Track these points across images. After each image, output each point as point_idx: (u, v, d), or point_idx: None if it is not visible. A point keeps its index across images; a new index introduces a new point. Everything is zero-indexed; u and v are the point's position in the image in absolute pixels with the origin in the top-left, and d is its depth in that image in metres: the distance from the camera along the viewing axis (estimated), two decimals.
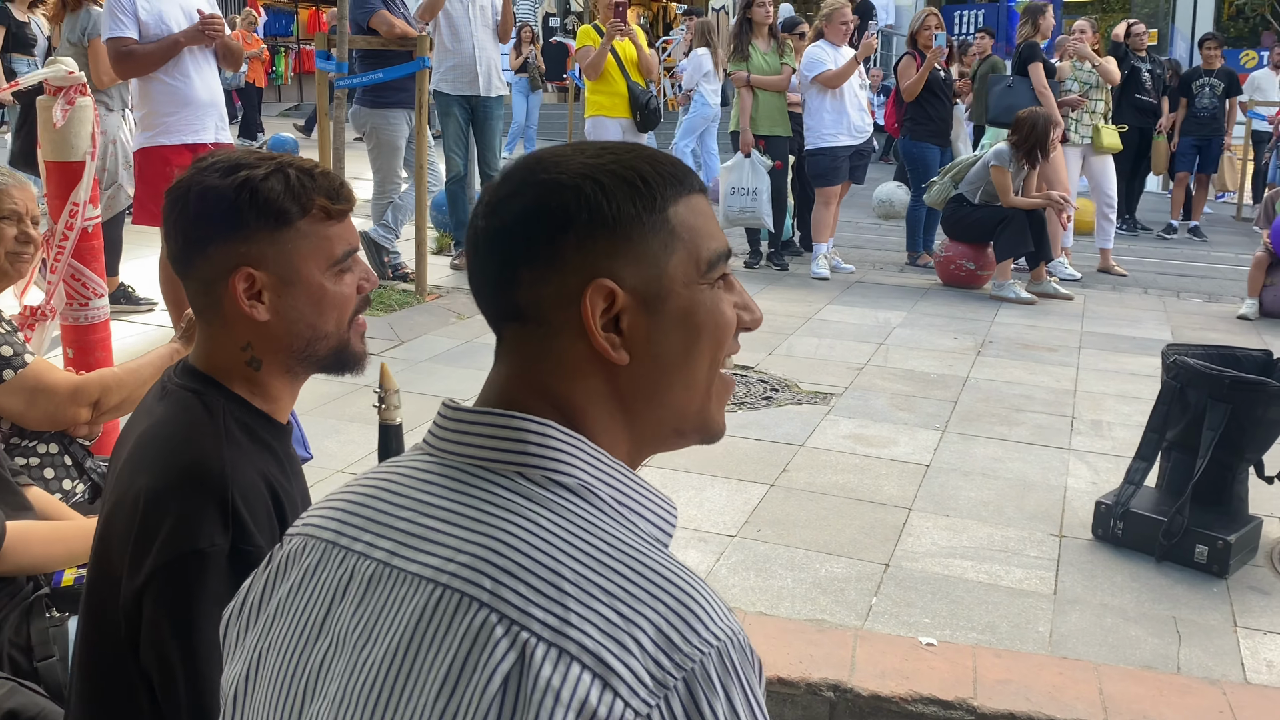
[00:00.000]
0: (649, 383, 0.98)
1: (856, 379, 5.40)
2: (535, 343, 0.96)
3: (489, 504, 0.91)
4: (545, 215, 0.94)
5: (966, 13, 22.10)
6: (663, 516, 0.98)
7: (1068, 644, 2.98)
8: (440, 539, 0.90)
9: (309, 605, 0.96)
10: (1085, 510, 3.78)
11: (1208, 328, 6.86)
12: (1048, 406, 5.06)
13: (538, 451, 0.93)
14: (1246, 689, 2.81)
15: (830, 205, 8.11)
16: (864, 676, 2.78)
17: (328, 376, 1.60)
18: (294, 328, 1.49)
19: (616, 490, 0.95)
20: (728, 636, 0.85)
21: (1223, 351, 3.79)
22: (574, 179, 0.94)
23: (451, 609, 0.85)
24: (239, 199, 1.43)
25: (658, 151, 1.01)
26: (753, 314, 1.04)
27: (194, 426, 1.44)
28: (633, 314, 0.95)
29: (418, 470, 0.98)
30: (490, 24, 7.27)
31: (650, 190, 0.95)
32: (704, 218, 0.99)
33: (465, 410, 0.97)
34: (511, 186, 0.97)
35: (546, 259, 0.94)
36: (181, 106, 4.97)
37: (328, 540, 0.98)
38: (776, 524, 3.65)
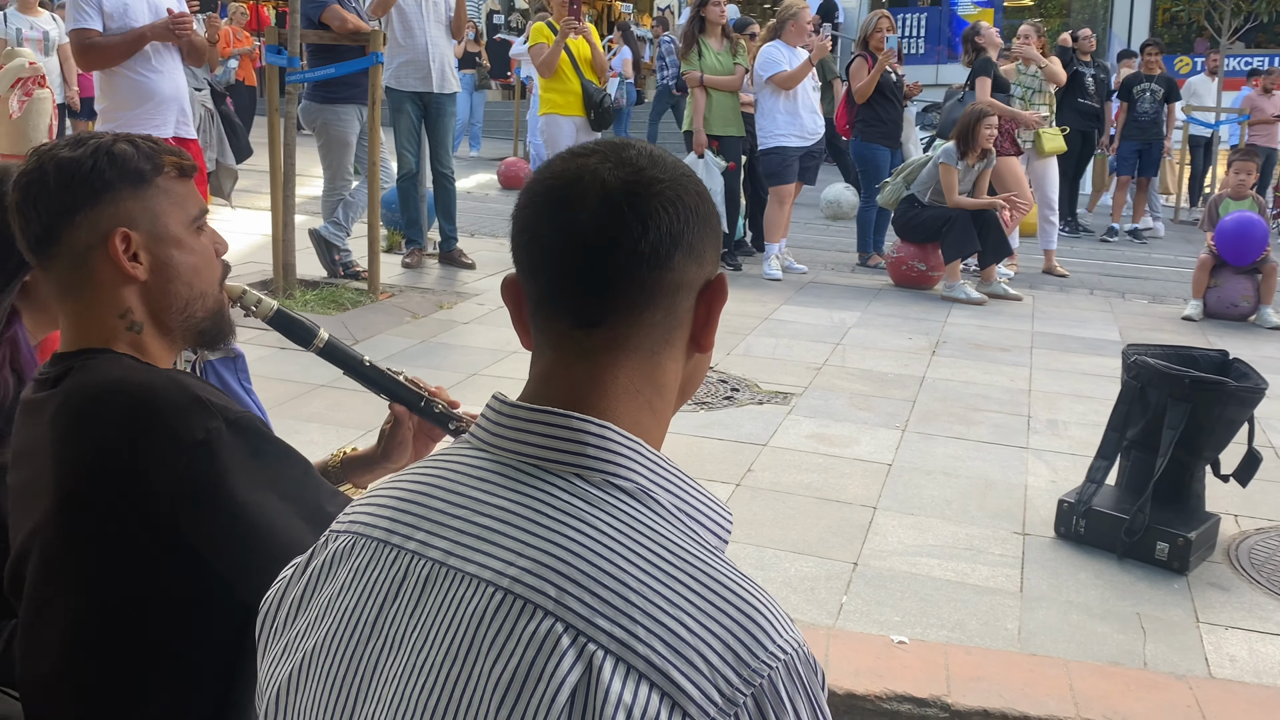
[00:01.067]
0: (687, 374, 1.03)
1: (815, 379, 5.42)
2: (661, 330, 0.98)
3: (548, 505, 0.89)
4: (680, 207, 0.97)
5: (910, 16, 22.34)
6: (718, 522, 0.97)
7: (1036, 641, 3.01)
8: (499, 539, 0.88)
9: (360, 604, 0.93)
10: (1046, 508, 3.82)
11: (1154, 328, 6.98)
12: (1004, 406, 5.12)
13: (596, 454, 0.92)
14: (1212, 683, 2.85)
15: (784, 205, 8.13)
16: (838, 675, 2.79)
17: (279, 376, 1.59)
18: (172, 285, 1.52)
19: (675, 495, 0.94)
20: (794, 649, 0.84)
21: (1180, 352, 3.86)
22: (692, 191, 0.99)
23: (515, 614, 0.83)
24: (98, 163, 1.46)
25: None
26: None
27: (107, 375, 1.43)
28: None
29: (470, 466, 0.96)
30: (443, 20, 7.21)
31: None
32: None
33: (521, 407, 0.95)
34: (656, 172, 0.97)
35: (690, 253, 0.98)
36: (144, 100, 4.92)
37: (378, 539, 0.95)
38: (744, 524, 3.64)
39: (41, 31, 9.41)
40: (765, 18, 12.64)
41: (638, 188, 0.94)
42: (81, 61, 5.00)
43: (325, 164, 6.99)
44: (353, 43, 6.52)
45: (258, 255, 7.16)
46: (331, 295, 6.40)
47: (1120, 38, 20.45)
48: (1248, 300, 7.34)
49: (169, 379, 1.43)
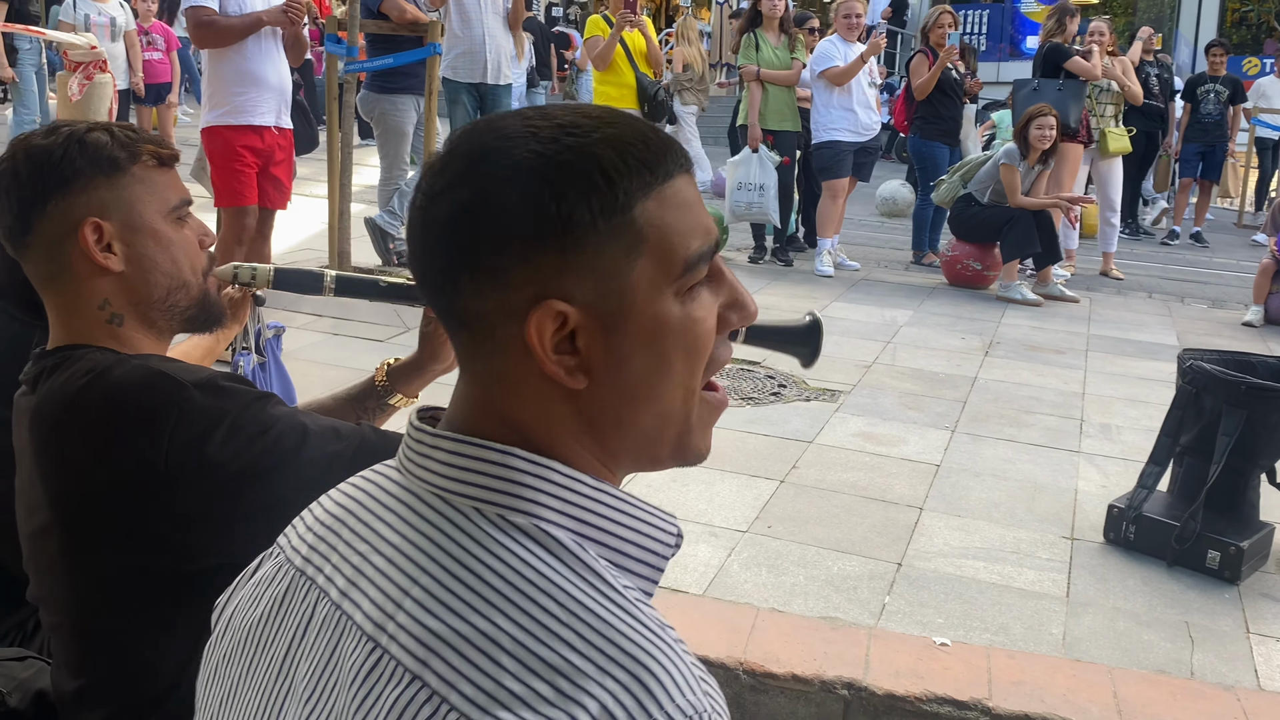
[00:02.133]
0: (614, 408, 0.84)
1: (864, 377, 5.39)
2: (484, 357, 0.84)
3: (439, 547, 0.81)
4: (484, 220, 0.80)
5: (971, 12, 22.10)
6: (653, 542, 0.86)
7: (1080, 647, 2.97)
8: (385, 584, 0.82)
9: (276, 640, 0.89)
10: (1096, 513, 3.78)
11: (1212, 333, 6.86)
12: (1056, 409, 5.06)
13: (496, 485, 0.82)
14: (1261, 695, 2.80)
15: (837, 200, 8.08)
16: (879, 675, 2.77)
17: (331, 361, 1.60)
18: (150, 276, 1.50)
19: (589, 525, 0.84)
20: (694, 712, 0.73)
21: (1238, 357, 3.79)
22: (520, 174, 0.79)
23: (384, 675, 0.77)
24: (69, 151, 1.45)
25: (630, 125, 0.83)
26: (745, 309, 0.89)
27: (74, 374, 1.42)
28: (589, 333, 0.81)
29: (384, 491, 0.89)
30: (501, 12, 7.24)
31: (611, 187, 0.80)
32: (682, 210, 0.83)
33: (427, 431, 0.86)
34: (451, 176, 0.82)
35: (487, 271, 0.80)
36: (251, 87, 4.98)
37: (297, 566, 0.91)
38: (788, 520, 3.63)
39: (109, 17, 9.57)
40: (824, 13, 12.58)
41: (434, 187, 0.83)
42: (196, 38, 5.08)
43: (382, 153, 7.06)
44: (411, 33, 6.57)
45: (314, 243, 7.24)
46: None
47: (1187, 38, 20.11)
48: None
49: (130, 365, 1.42)
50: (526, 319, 0.80)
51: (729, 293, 0.88)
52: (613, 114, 0.84)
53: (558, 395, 0.83)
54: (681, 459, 0.90)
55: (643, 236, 0.81)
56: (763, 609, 3.06)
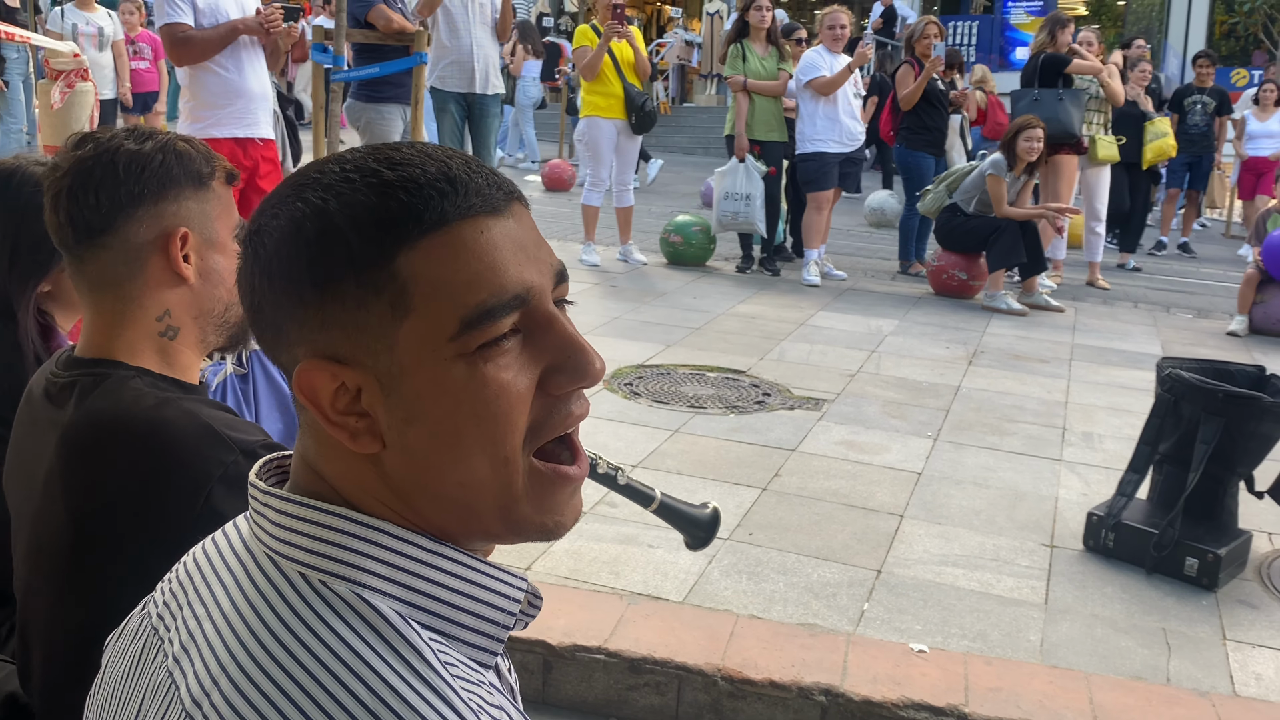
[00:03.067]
0: (413, 474, 0.77)
1: (849, 385, 5.41)
2: (300, 411, 0.80)
3: (260, 619, 0.75)
4: (249, 277, 0.78)
5: (961, 24, 22.19)
6: (494, 605, 0.80)
7: (1058, 653, 2.99)
8: (209, 655, 0.77)
9: (130, 701, 0.85)
10: (1076, 521, 3.79)
11: (1197, 343, 6.89)
12: (1039, 417, 5.08)
13: (321, 549, 0.76)
14: (1235, 701, 2.81)
15: (822, 211, 8.11)
16: (856, 681, 2.78)
17: None
18: (215, 291, 1.52)
19: (418, 592, 0.77)
20: None
21: (1216, 366, 3.81)
22: (289, 227, 0.75)
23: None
24: (167, 159, 1.46)
25: (412, 165, 0.76)
26: (579, 370, 0.78)
27: (116, 405, 1.41)
28: (370, 394, 0.76)
29: (230, 548, 0.85)
30: (489, 21, 7.26)
31: (365, 237, 0.73)
32: (462, 259, 0.74)
33: (257, 486, 0.82)
34: (252, 226, 0.79)
35: (269, 323, 0.78)
36: (235, 98, 4.92)
37: (153, 624, 0.87)
38: (769, 528, 3.64)
39: (96, 27, 9.59)
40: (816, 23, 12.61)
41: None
42: (174, 55, 4.99)
43: None
44: (398, 42, 6.58)
45: None
46: None
47: (1176, 49, 20.20)
48: None
49: (184, 411, 1.40)
50: (295, 379, 0.77)
51: (556, 351, 0.78)
52: (413, 153, 0.77)
53: (359, 458, 0.78)
54: (521, 533, 0.81)
55: (408, 292, 0.74)
56: (742, 616, 3.07)
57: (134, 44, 10.70)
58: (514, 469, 0.78)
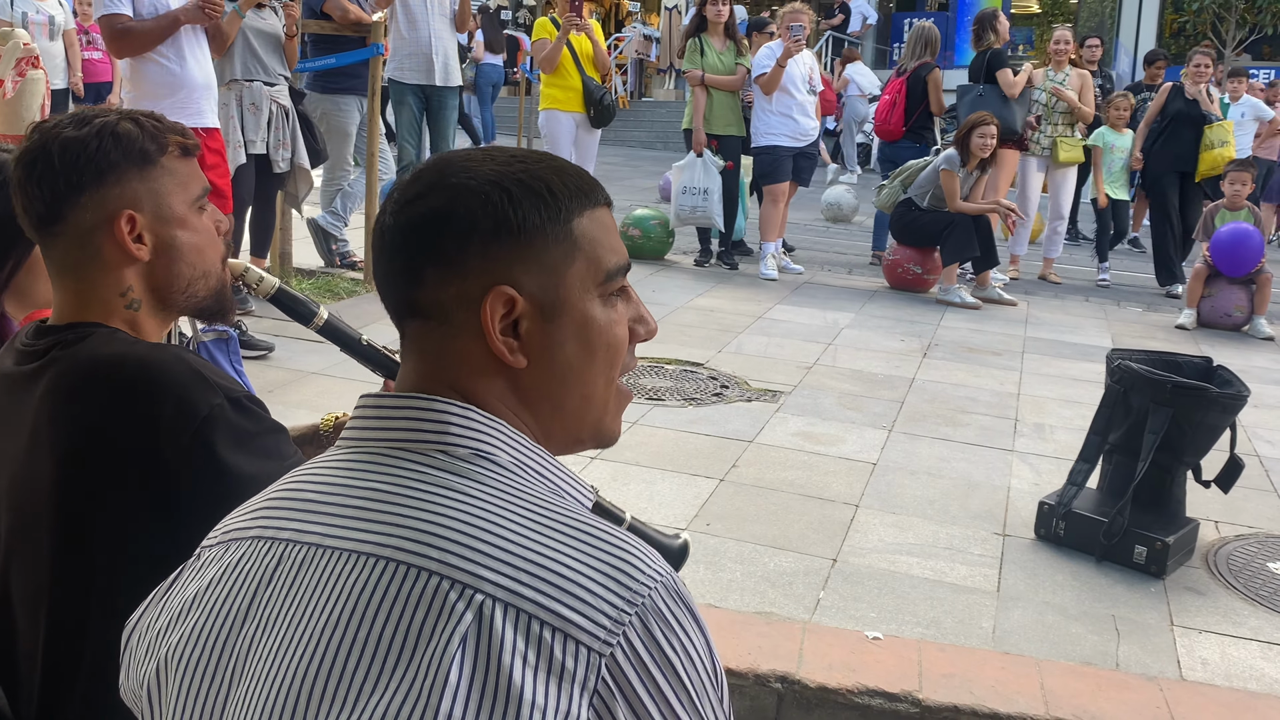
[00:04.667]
0: (548, 387, 1.00)
1: (805, 378, 5.45)
2: (438, 340, 0.98)
3: (419, 480, 0.93)
4: (452, 218, 0.96)
5: (916, 20, 22.32)
6: (582, 495, 1.03)
7: (1010, 640, 3.03)
8: (375, 517, 0.91)
9: (231, 594, 0.95)
10: (1028, 510, 3.85)
11: (1147, 336, 7.00)
12: (991, 409, 5.14)
13: (460, 431, 0.96)
14: (1182, 685, 2.87)
15: (778, 204, 8.15)
16: (811, 669, 2.81)
17: (269, 363, 1.60)
18: (175, 266, 1.53)
19: (538, 470, 0.99)
20: (667, 573, 0.90)
21: (1165, 357, 3.88)
22: (483, 185, 0.96)
23: (400, 579, 0.87)
24: (103, 144, 1.46)
25: (566, 163, 1.02)
26: (647, 325, 1.07)
27: (106, 349, 1.44)
28: (531, 320, 0.97)
29: (339, 461, 0.99)
30: (448, 13, 7.24)
31: (556, 201, 0.97)
32: (607, 231, 1.02)
33: (385, 396, 1.00)
34: (421, 186, 0.98)
35: (451, 261, 0.96)
36: (177, 89, 4.84)
37: (250, 537, 0.98)
38: (726, 518, 3.67)
39: (47, 15, 9.45)
40: None
41: (406, 196, 0.99)
42: (114, 48, 4.91)
43: None
44: (354, 33, 6.55)
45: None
46: (327, 285, 6.43)
47: (1127, 47, 20.47)
48: (1241, 310, 7.36)
49: (174, 355, 1.44)
50: (481, 302, 0.95)
51: (635, 309, 1.07)
52: (550, 154, 1.03)
53: (500, 373, 0.99)
54: (598, 440, 1.07)
55: (578, 245, 0.99)
56: (699, 605, 3.09)
57: (88, 33, 10.55)
58: (614, 387, 1.06)
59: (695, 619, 0.90)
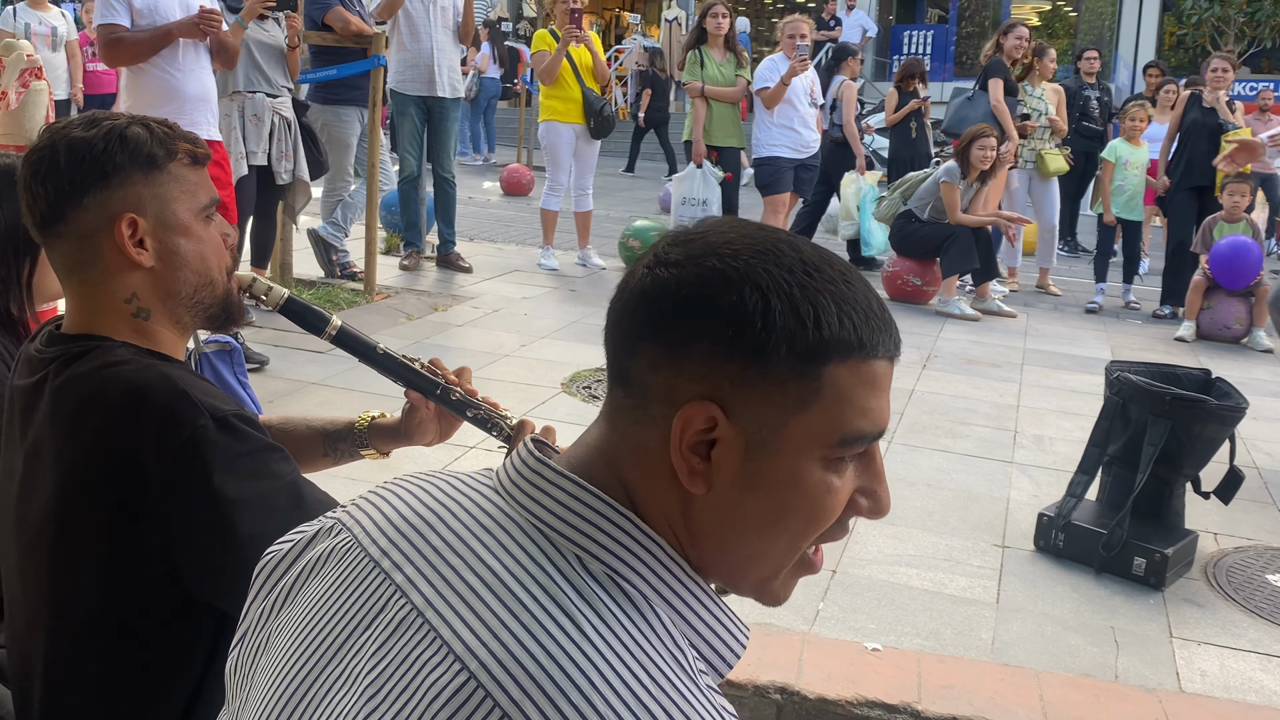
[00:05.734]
0: (720, 527, 0.88)
1: None
2: (629, 423, 0.88)
3: (540, 586, 0.84)
4: (694, 305, 0.83)
5: (915, 33, 22.44)
6: (728, 642, 0.90)
7: (1009, 651, 3.03)
8: (480, 608, 0.83)
9: (332, 620, 0.91)
10: (1027, 522, 3.85)
11: (1146, 348, 7.01)
12: (991, 420, 5.15)
13: (607, 542, 0.86)
14: (1181, 697, 2.87)
15: (778, 215, 8.16)
16: (811, 680, 2.81)
17: (271, 373, 1.60)
18: (180, 273, 1.51)
19: (678, 610, 0.87)
20: None
21: (1163, 370, 3.89)
22: (743, 283, 0.83)
23: (473, 703, 0.79)
24: (109, 146, 1.45)
25: (864, 292, 0.87)
26: (878, 505, 0.91)
27: (101, 368, 1.43)
28: (729, 449, 0.85)
29: (480, 510, 0.92)
30: (451, 25, 7.26)
31: (820, 336, 0.83)
32: (869, 390, 0.85)
33: (549, 465, 0.90)
34: (685, 252, 0.86)
35: (672, 349, 0.84)
36: (170, 99, 4.82)
37: (374, 556, 0.92)
38: None
39: (50, 27, 9.48)
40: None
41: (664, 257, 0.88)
42: (107, 57, 4.92)
43: None
44: (355, 45, 6.57)
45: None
46: (328, 295, 6.44)
47: (1126, 60, 20.52)
48: (1240, 322, 7.37)
49: (159, 375, 1.42)
50: (683, 408, 0.84)
51: (871, 480, 0.90)
52: (856, 276, 0.87)
53: (675, 489, 0.87)
54: (758, 597, 0.93)
55: (821, 394, 0.84)
56: None
57: (93, 45, 10.57)
58: (796, 555, 0.91)
59: None
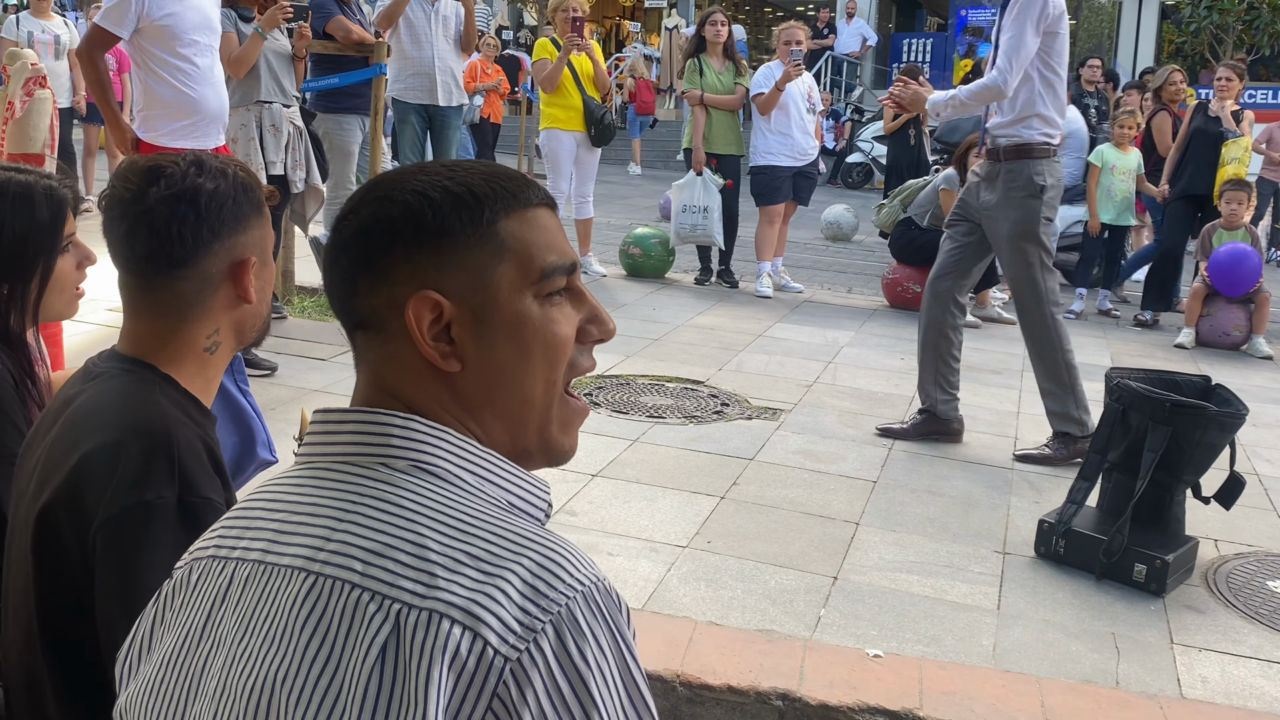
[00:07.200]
0: (485, 391, 1.01)
1: (806, 396, 5.46)
2: (378, 349, 1.01)
3: (354, 492, 0.95)
4: (375, 230, 0.99)
5: (915, 41, 22.47)
6: (533, 494, 1.02)
7: (1010, 658, 3.04)
8: (309, 530, 0.94)
9: (191, 615, 0.98)
10: (1028, 528, 3.86)
11: (1146, 355, 7.02)
12: (991, 427, 5.15)
13: (400, 443, 0.97)
14: (1182, 704, 2.88)
15: (773, 224, 8.18)
16: (812, 686, 2.82)
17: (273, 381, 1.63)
18: (260, 309, 1.63)
19: (481, 473, 0.99)
20: (592, 582, 0.90)
21: (1163, 376, 3.89)
22: (404, 195, 0.99)
23: (325, 593, 0.89)
24: (238, 196, 1.56)
25: (501, 168, 1.04)
26: (603, 325, 1.06)
27: (133, 394, 1.49)
28: (461, 324, 0.98)
29: (290, 477, 1.01)
30: (452, 34, 7.28)
31: (479, 204, 0.99)
32: (543, 231, 1.02)
33: (333, 411, 1.01)
34: (354, 202, 1.02)
35: (378, 270, 0.98)
36: (189, 115, 4.82)
37: (208, 556, 1.00)
38: (727, 536, 3.68)
39: (53, 35, 9.49)
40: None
41: (342, 214, 1.03)
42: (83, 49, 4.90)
43: None
44: (357, 53, 6.59)
45: None
46: (329, 302, 6.44)
47: (1125, 68, 20.54)
48: (1240, 330, 7.39)
49: (166, 430, 1.44)
50: (407, 306, 0.97)
51: (589, 310, 1.06)
52: (492, 164, 1.05)
53: (439, 378, 1.00)
54: (546, 454, 1.06)
55: (505, 245, 1.00)
56: (700, 622, 3.10)
57: None
58: (555, 394, 1.04)
59: (614, 631, 0.89)
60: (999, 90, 4.48)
